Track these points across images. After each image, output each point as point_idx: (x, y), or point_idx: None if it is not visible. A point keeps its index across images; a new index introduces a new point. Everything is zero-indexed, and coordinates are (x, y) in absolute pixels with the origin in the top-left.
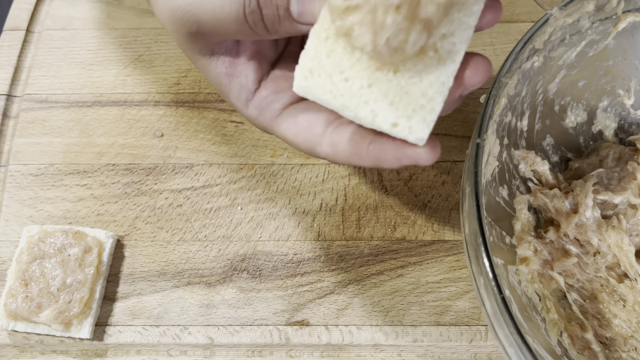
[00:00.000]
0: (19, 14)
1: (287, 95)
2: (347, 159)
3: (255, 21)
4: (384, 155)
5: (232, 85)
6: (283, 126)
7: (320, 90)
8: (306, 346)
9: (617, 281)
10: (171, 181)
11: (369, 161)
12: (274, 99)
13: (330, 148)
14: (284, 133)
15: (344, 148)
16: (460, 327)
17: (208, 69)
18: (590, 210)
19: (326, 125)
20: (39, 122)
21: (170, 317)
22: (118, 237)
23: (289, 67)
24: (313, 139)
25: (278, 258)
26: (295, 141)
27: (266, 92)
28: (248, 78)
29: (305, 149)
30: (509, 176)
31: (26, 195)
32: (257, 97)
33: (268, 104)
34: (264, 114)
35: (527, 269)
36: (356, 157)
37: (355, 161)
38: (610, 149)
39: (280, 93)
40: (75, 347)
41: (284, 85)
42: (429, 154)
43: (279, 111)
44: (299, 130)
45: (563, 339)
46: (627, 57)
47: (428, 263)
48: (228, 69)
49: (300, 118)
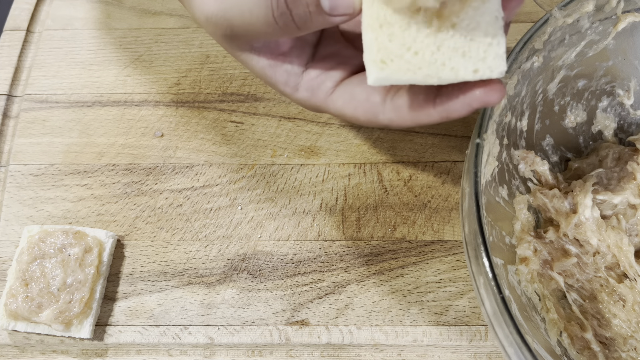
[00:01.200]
0: (19, 14)
1: (337, 73)
2: (413, 120)
3: (286, 22)
4: (453, 104)
5: (278, 74)
6: (339, 102)
7: (399, 73)
8: (306, 346)
9: (617, 281)
10: (171, 181)
11: (436, 116)
12: (324, 78)
13: (394, 112)
14: (342, 109)
15: (409, 109)
16: (460, 327)
17: (251, 63)
18: (590, 211)
19: (385, 93)
20: (39, 122)
21: (171, 317)
22: (118, 237)
23: (331, 46)
24: (374, 109)
25: (278, 258)
26: (355, 114)
27: (315, 73)
28: (293, 63)
29: (365, 120)
30: (508, 176)
31: (26, 195)
32: (305, 79)
33: (319, 84)
34: (317, 94)
35: (527, 269)
36: (424, 115)
37: (423, 119)
38: (609, 149)
39: (330, 71)
40: (76, 347)
41: (331, 63)
42: (498, 91)
43: (332, 89)
44: (358, 103)
45: (563, 339)
46: (627, 57)
47: (428, 263)
48: (270, 61)
49: (357, 90)
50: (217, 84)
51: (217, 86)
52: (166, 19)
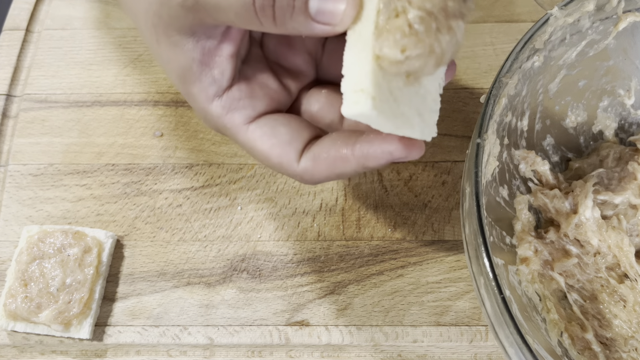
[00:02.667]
0: (19, 14)
1: (262, 104)
2: (329, 168)
3: (264, 8)
4: (373, 152)
5: (204, 75)
6: (256, 134)
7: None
8: (306, 346)
9: (618, 282)
10: (171, 181)
11: (354, 162)
12: (247, 104)
13: (312, 161)
14: (254, 142)
15: (327, 156)
16: (461, 327)
17: (181, 50)
18: (590, 211)
19: (306, 143)
20: (39, 122)
21: (170, 318)
22: (118, 237)
23: (259, 71)
24: (291, 155)
25: (278, 258)
26: (266, 153)
27: (239, 94)
28: (224, 74)
29: (276, 163)
30: (509, 176)
31: (26, 195)
32: (227, 97)
33: (240, 107)
34: (231, 116)
35: (528, 269)
36: (340, 162)
37: (340, 167)
38: (610, 149)
39: (255, 100)
40: (75, 348)
41: (258, 92)
42: (417, 150)
43: (251, 118)
44: (277, 142)
45: (563, 339)
46: (628, 56)
47: (428, 263)
48: (204, 57)
49: (282, 131)
50: None
51: None
52: None
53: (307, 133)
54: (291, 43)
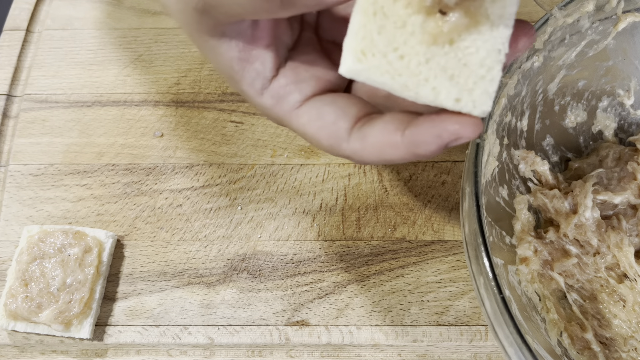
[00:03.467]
0: (19, 14)
1: (308, 87)
2: (378, 153)
3: None
4: (423, 137)
5: (246, 71)
6: (304, 118)
7: (376, 71)
8: (306, 346)
9: (617, 281)
10: (171, 181)
11: (403, 148)
12: (294, 89)
13: (360, 142)
14: (304, 126)
15: (375, 139)
16: (460, 327)
17: (218, 52)
18: (590, 211)
19: (355, 120)
20: (39, 122)
21: (170, 317)
22: (118, 237)
23: (306, 54)
24: (339, 134)
25: (278, 258)
26: (317, 136)
27: (285, 81)
28: (265, 65)
29: (327, 145)
30: (508, 176)
31: (26, 195)
32: (274, 85)
33: (287, 93)
34: (282, 105)
35: (527, 269)
36: (389, 147)
37: (388, 153)
38: (610, 149)
39: (301, 83)
40: (75, 347)
41: (304, 75)
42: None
43: (299, 102)
44: (324, 124)
45: (563, 339)
46: (627, 57)
47: (428, 263)
48: (242, 54)
49: (326, 110)
50: (216, 84)
51: (217, 86)
52: (166, 18)
53: (355, 109)
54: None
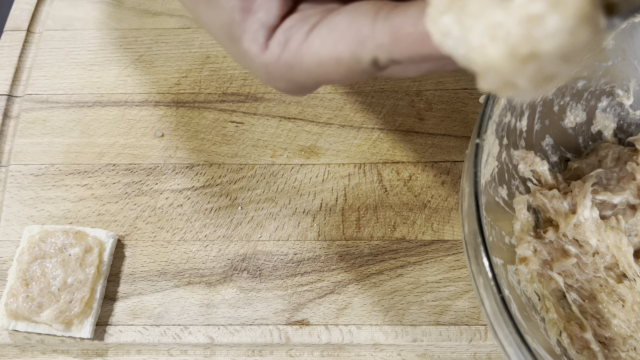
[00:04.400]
0: (20, 15)
1: (316, 18)
2: (412, 46)
3: None
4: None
5: (248, 23)
6: (316, 43)
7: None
8: (306, 346)
9: (616, 281)
10: (171, 181)
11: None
12: (300, 25)
13: (389, 35)
14: (319, 52)
15: (411, 31)
16: (460, 326)
17: (218, 4)
18: (589, 211)
19: (375, 13)
20: (40, 122)
21: (171, 317)
22: (119, 237)
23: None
24: (361, 34)
25: (278, 258)
26: (335, 52)
27: (290, 23)
28: (270, 12)
29: (349, 57)
30: (508, 176)
31: (27, 195)
32: (279, 32)
33: (293, 33)
34: (289, 46)
35: (527, 269)
36: (429, 41)
37: (425, 47)
38: (609, 149)
39: (310, 17)
40: (76, 347)
41: (312, 12)
42: None
43: (307, 34)
44: (339, 34)
45: (562, 339)
46: (626, 57)
47: (428, 263)
48: (244, 3)
49: (338, 19)
50: (217, 84)
51: (218, 86)
52: (166, 19)
53: (370, 6)
54: None
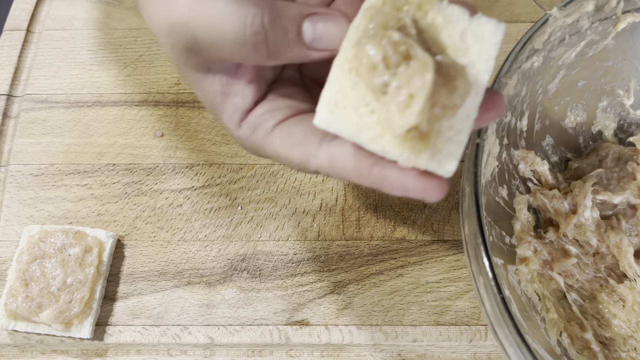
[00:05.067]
0: (19, 14)
1: (282, 113)
2: (344, 174)
3: (257, 45)
4: (389, 182)
5: (227, 104)
6: (276, 141)
7: (346, 123)
8: (306, 346)
9: (617, 281)
10: (171, 181)
11: (369, 182)
12: (269, 117)
13: (327, 161)
14: (277, 149)
15: (344, 163)
16: (460, 326)
17: (202, 85)
18: (589, 211)
19: (323, 136)
20: (40, 122)
21: (171, 317)
22: (118, 237)
23: (286, 88)
24: (308, 152)
25: (278, 258)
26: (289, 156)
27: (261, 111)
28: (245, 99)
29: (298, 164)
30: (508, 176)
31: (26, 195)
32: (251, 116)
33: (262, 121)
34: (257, 132)
35: (527, 269)
36: (356, 175)
37: (354, 178)
38: (609, 149)
39: (276, 111)
40: (76, 347)
41: (280, 104)
42: (437, 192)
43: (272, 128)
44: (294, 143)
45: (562, 339)
46: (627, 57)
47: (428, 263)
48: (224, 88)
49: (296, 130)
50: None
51: None
52: None
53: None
54: (331, 60)
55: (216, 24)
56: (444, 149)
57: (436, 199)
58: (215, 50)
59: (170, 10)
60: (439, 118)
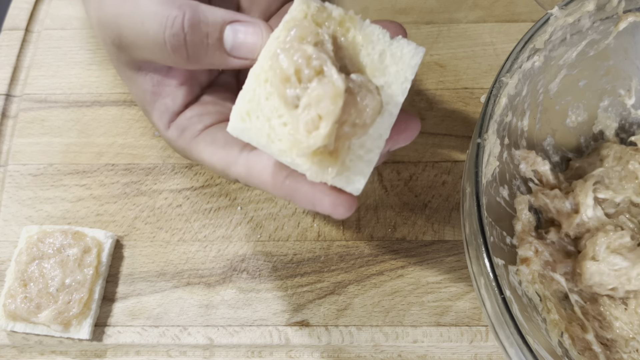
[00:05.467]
0: (18, 14)
1: (211, 118)
2: (261, 185)
3: (177, 47)
4: (299, 195)
5: (157, 104)
6: (201, 146)
7: (258, 133)
8: (306, 347)
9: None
10: (170, 181)
11: (282, 194)
12: (197, 120)
13: (245, 170)
14: (201, 153)
15: (260, 173)
16: (461, 327)
17: (134, 83)
18: (592, 210)
19: (244, 145)
20: (38, 122)
21: (170, 318)
22: (117, 237)
23: (220, 93)
24: (228, 158)
25: (278, 258)
26: (211, 161)
27: (191, 114)
28: (175, 101)
29: (220, 170)
30: (509, 176)
31: (25, 196)
32: (180, 118)
33: (190, 124)
34: (184, 135)
35: (528, 270)
36: (270, 186)
37: (269, 189)
38: (611, 149)
39: (205, 115)
40: (75, 348)
41: (211, 109)
42: (344, 209)
43: (199, 132)
44: (216, 148)
45: (564, 340)
46: (628, 56)
47: (428, 263)
48: (155, 88)
49: (219, 136)
50: None
51: None
52: None
53: None
54: None
55: (138, 23)
56: (352, 166)
57: (343, 216)
58: (139, 49)
59: (100, 7)
60: (348, 136)
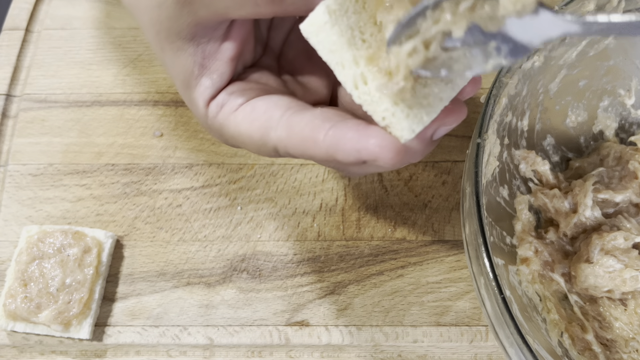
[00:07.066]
0: (18, 14)
1: (253, 93)
2: (301, 145)
3: None
4: (343, 144)
5: (203, 79)
6: (240, 117)
7: (333, 36)
8: (306, 347)
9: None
10: (171, 181)
11: (323, 148)
12: (239, 95)
13: (286, 130)
14: (239, 125)
15: (302, 129)
16: (461, 327)
17: (183, 53)
18: (590, 210)
19: (286, 109)
20: (38, 121)
21: (170, 318)
22: (117, 237)
23: (261, 75)
24: (269, 123)
25: (278, 258)
26: (249, 130)
27: (232, 89)
28: (222, 77)
29: (258, 138)
30: (509, 176)
31: (25, 196)
32: (221, 95)
33: (231, 99)
34: (223, 110)
35: (528, 270)
36: (311, 142)
37: (309, 148)
38: (611, 149)
39: (247, 90)
40: (75, 348)
41: (253, 85)
42: (391, 153)
43: (239, 106)
44: (256, 115)
45: (564, 340)
46: (628, 56)
47: (428, 263)
48: (205, 60)
49: (259, 104)
50: None
51: None
52: None
53: (288, 101)
54: (311, 57)
55: None
56: (413, 110)
57: (390, 161)
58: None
59: None
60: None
